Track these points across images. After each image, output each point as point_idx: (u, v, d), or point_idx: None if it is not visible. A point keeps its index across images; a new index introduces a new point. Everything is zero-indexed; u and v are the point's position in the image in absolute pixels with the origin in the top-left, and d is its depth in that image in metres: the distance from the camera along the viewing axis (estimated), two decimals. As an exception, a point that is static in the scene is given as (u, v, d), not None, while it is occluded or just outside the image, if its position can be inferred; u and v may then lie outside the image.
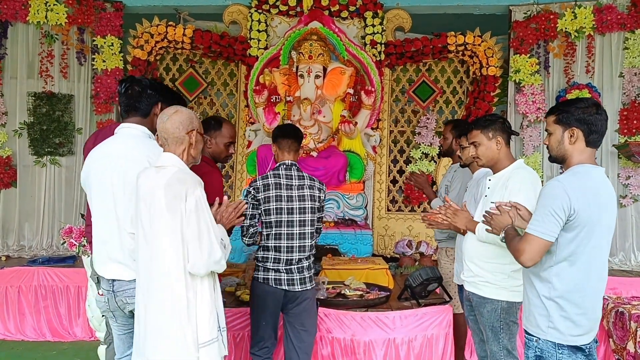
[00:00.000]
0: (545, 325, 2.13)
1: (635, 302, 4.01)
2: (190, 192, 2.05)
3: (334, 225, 5.36)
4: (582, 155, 2.16)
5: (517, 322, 2.75)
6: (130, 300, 2.32)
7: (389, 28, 5.96)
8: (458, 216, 2.79)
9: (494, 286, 2.70)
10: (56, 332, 4.71)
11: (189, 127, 2.20)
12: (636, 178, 5.42)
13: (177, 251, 2.06)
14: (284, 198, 2.98)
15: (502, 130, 2.79)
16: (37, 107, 5.61)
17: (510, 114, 5.82)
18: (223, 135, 3.07)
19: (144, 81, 2.57)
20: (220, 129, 3.06)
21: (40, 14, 5.53)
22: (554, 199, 2.04)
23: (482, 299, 2.74)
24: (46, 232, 5.67)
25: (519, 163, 2.82)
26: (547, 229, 2.05)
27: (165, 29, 5.78)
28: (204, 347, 2.07)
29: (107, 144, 2.47)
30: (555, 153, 2.23)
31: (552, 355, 2.12)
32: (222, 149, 3.07)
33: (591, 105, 2.17)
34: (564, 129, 2.17)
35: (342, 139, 5.63)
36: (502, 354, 2.70)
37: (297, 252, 2.99)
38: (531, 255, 2.07)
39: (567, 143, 2.17)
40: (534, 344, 2.17)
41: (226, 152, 3.10)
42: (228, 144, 3.09)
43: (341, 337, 3.55)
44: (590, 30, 5.55)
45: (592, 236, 2.09)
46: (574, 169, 2.16)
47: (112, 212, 2.35)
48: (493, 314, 2.70)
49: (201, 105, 6.29)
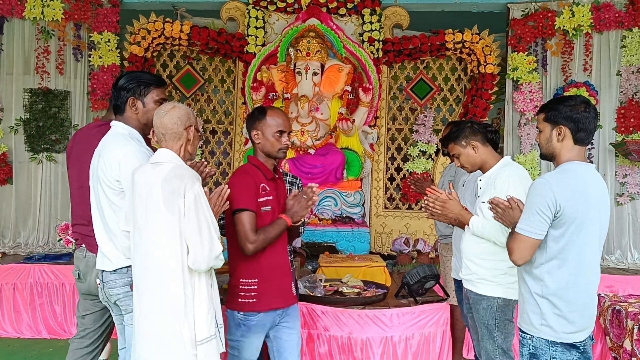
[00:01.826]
0: (539, 322, 2.13)
1: (632, 300, 4.02)
2: (188, 188, 2.04)
3: (331, 222, 5.35)
4: (571, 152, 2.18)
5: (512, 320, 2.75)
6: (113, 292, 2.38)
7: (387, 25, 5.96)
8: (448, 207, 2.72)
9: (490, 283, 2.71)
10: (52, 329, 4.69)
11: (187, 122, 2.20)
12: (633, 176, 5.43)
13: (174, 247, 2.04)
14: None
15: (473, 134, 2.84)
16: (33, 103, 5.58)
17: (508, 111, 5.83)
18: (268, 125, 2.60)
19: (118, 80, 2.59)
20: (264, 117, 2.60)
21: (37, 10, 5.50)
22: (539, 197, 2.06)
23: (478, 296, 2.75)
24: (42, 229, 5.64)
25: (505, 160, 2.84)
26: (534, 227, 2.06)
27: (162, 25, 5.76)
28: (202, 345, 2.05)
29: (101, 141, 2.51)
30: (544, 150, 2.25)
31: (545, 352, 2.12)
32: (272, 142, 2.59)
33: (580, 103, 2.18)
34: (552, 126, 2.19)
35: (340, 137, 5.62)
36: (496, 352, 2.70)
37: None
38: (521, 254, 2.09)
39: (555, 141, 2.19)
40: (527, 342, 2.17)
41: (278, 144, 2.59)
42: (278, 133, 2.58)
43: (338, 335, 3.54)
44: (588, 28, 5.54)
45: (581, 233, 2.09)
46: (562, 166, 2.18)
47: (95, 204, 2.44)
48: (489, 311, 2.70)
49: (198, 102, 6.27)
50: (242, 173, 2.59)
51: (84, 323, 2.78)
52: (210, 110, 6.27)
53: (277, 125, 2.57)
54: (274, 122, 2.57)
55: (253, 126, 2.62)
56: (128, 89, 2.50)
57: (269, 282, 2.51)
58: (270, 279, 2.51)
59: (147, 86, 2.51)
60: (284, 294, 2.58)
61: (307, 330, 3.57)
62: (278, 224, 2.49)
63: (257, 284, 2.49)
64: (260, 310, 2.49)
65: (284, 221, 2.50)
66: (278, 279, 2.55)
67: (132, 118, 2.51)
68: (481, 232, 2.67)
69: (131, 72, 2.67)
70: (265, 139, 2.58)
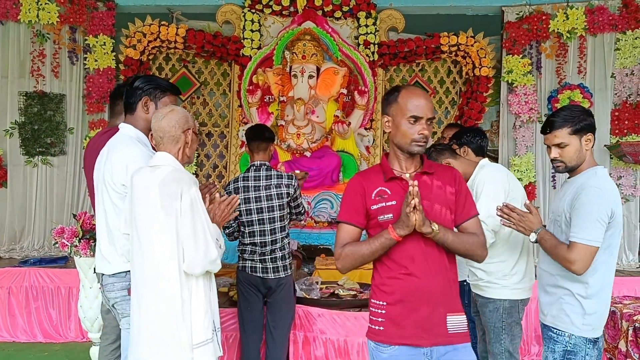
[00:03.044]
0: (581, 322, 2.20)
1: (627, 301, 4.04)
2: (185, 191, 2.04)
3: (327, 225, 5.35)
4: (592, 157, 2.27)
5: (519, 322, 2.78)
6: (111, 295, 2.39)
7: (382, 28, 5.97)
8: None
9: (496, 285, 2.75)
10: (47, 333, 4.67)
11: (185, 125, 2.20)
12: (627, 178, 5.46)
13: (171, 250, 2.04)
14: (252, 200, 3.23)
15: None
16: (28, 106, 5.56)
17: (503, 114, 5.84)
18: (400, 108, 1.99)
19: (134, 80, 2.59)
20: (397, 99, 2.00)
21: (32, 13, 5.49)
22: (598, 206, 2.13)
23: (485, 300, 2.79)
24: (37, 232, 5.63)
25: (482, 162, 2.92)
26: (597, 236, 2.13)
27: (158, 28, 5.75)
28: (198, 348, 2.06)
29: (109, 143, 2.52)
30: (575, 162, 2.26)
31: (582, 350, 2.20)
32: (403, 131, 1.98)
33: (585, 109, 2.30)
34: (580, 137, 2.23)
35: (336, 139, 5.63)
36: (503, 356, 2.73)
37: (270, 245, 3.24)
38: (585, 263, 2.13)
39: (584, 149, 2.25)
40: (564, 339, 2.23)
41: (411, 134, 1.97)
42: (412, 119, 1.97)
43: (334, 339, 3.54)
44: (582, 31, 5.58)
45: (619, 234, 2.23)
46: (596, 171, 2.23)
47: (99, 207, 2.45)
48: (495, 314, 2.74)
49: (194, 105, 6.26)
50: (356, 176, 2.12)
51: (107, 318, 2.79)
52: (206, 113, 6.27)
53: (411, 110, 1.95)
54: (408, 105, 1.96)
55: (384, 111, 2.06)
56: (144, 90, 2.50)
57: (400, 307, 1.95)
58: (403, 304, 1.95)
59: (164, 91, 2.52)
60: (424, 326, 1.93)
61: (303, 333, 3.57)
62: (376, 238, 1.93)
63: (385, 307, 1.97)
64: (389, 343, 1.95)
65: (386, 233, 1.91)
66: (415, 305, 1.94)
67: (142, 118, 2.49)
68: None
69: (148, 76, 2.69)
70: (395, 127, 2.00)
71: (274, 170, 3.30)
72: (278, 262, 3.26)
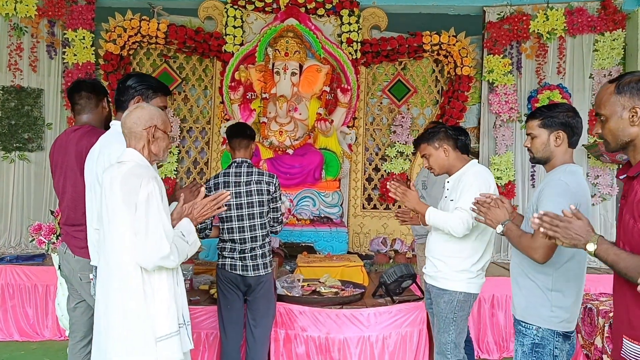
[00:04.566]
0: (547, 314, 2.23)
1: (603, 298, 4.10)
2: (143, 185, 2.07)
3: (309, 222, 5.35)
4: (566, 155, 2.30)
5: (467, 318, 2.88)
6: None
7: (365, 26, 5.98)
8: (407, 196, 2.86)
9: (453, 279, 2.82)
10: (24, 331, 4.59)
11: (148, 123, 2.21)
12: (604, 177, 5.56)
13: (131, 245, 2.06)
14: (232, 195, 3.16)
15: (447, 138, 2.93)
16: (5, 101, 5.46)
17: (484, 113, 5.90)
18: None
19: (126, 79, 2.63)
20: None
21: (9, 6, 5.38)
22: (560, 197, 2.14)
23: (440, 291, 2.86)
24: (14, 229, 5.54)
25: (472, 162, 2.96)
26: None
27: (138, 23, 5.69)
28: (162, 341, 2.08)
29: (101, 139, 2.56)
30: (540, 155, 2.33)
31: (550, 342, 2.22)
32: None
33: (571, 109, 2.32)
34: (550, 132, 2.29)
35: (318, 137, 5.63)
36: (448, 346, 2.82)
37: (250, 242, 3.22)
38: (545, 251, 2.15)
39: (552, 145, 2.29)
40: (532, 332, 2.26)
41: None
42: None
43: (316, 336, 3.55)
44: (561, 31, 5.66)
45: None
46: (567, 167, 2.27)
47: (90, 203, 2.50)
48: (449, 305, 2.82)
49: (175, 101, 6.21)
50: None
51: (74, 316, 2.78)
52: (188, 109, 6.21)
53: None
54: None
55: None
56: (137, 89, 2.56)
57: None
58: None
59: (155, 91, 2.59)
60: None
61: (284, 331, 3.56)
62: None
63: None
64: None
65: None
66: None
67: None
68: (436, 221, 2.77)
69: (141, 75, 2.76)
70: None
71: (255, 168, 3.30)
72: (258, 259, 3.24)
